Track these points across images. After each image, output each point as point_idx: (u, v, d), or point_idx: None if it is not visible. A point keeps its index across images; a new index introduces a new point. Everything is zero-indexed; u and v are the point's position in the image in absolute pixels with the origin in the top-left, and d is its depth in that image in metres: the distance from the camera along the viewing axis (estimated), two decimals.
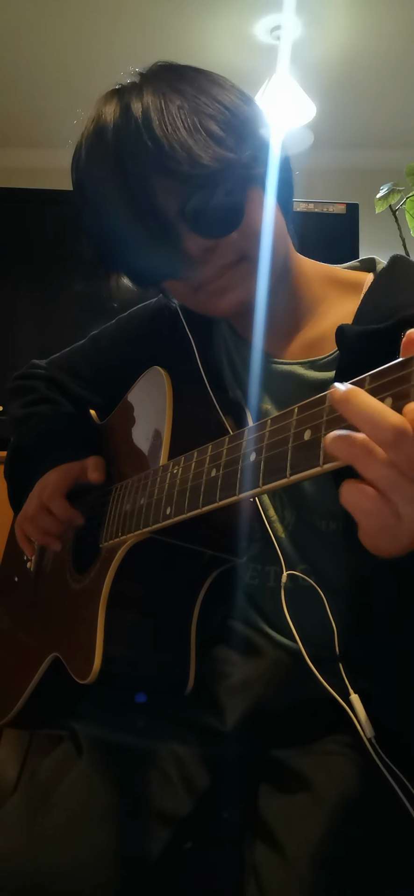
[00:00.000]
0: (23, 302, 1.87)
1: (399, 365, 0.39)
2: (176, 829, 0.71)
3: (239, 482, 0.54)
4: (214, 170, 0.64)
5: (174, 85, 0.67)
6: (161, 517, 0.64)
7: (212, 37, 2.68)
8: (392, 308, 0.64)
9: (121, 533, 0.72)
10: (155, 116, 0.64)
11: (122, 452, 0.86)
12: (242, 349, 0.83)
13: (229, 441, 0.56)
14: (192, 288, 0.73)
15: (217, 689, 0.77)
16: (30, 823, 0.68)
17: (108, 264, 0.77)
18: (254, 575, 0.79)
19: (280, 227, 0.73)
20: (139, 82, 0.69)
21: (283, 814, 0.67)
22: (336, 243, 1.78)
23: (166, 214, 0.66)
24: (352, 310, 0.72)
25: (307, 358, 0.76)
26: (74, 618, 0.78)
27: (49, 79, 2.85)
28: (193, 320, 0.85)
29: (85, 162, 0.70)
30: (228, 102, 0.68)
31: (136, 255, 0.72)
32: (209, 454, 0.59)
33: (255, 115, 0.71)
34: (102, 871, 0.65)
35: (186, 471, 0.62)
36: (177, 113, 0.64)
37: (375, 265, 0.80)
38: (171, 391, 0.75)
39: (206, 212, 0.67)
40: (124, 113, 0.66)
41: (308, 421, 0.46)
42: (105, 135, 0.67)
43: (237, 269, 0.71)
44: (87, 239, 0.75)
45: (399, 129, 3.23)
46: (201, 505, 0.57)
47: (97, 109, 0.69)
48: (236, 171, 0.66)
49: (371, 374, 0.41)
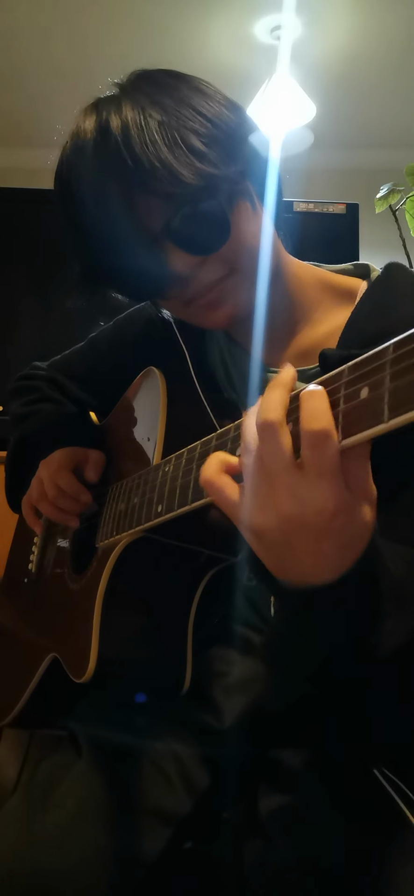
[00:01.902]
0: (22, 302, 1.87)
1: (374, 356, 0.40)
2: (175, 828, 0.71)
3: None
4: (197, 186, 0.62)
5: (153, 97, 0.65)
6: (153, 515, 0.65)
7: (212, 37, 2.68)
8: (378, 330, 0.63)
9: (116, 532, 0.73)
10: (135, 133, 0.62)
11: (118, 453, 0.86)
12: (237, 355, 0.83)
13: (217, 438, 0.57)
14: (183, 302, 0.72)
15: (215, 688, 0.77)
16: (29, 824, 0.68)
17: (94, 281, 0.75)
18: (251, 575, 0.79)
19: (270, 235, 0.72)
20: (118, 95, 0.67)
21: (282, 813, 0.67)
22: (336, 243, 1.78)
23: (151, 233, 0.65)
24: (344, 320, 0.71)
25: (299, 367, 0.76)
26: (72, 618, 0.79)
27: (48, 79, 2.85)
28: (186, 329, 0.84)
29: (66, 179, 0.69)
30: (211, 113, 0.66)
31: (123, 273, 0.71)
32: (198, 451, 0.59)
33: (240, 122, 0.69)
34: (102, 870, 0.65)
35: (177, 469, 0.62)
36: (157, 129, 0.62)
37: (370, 272, 0.79)
38: (165, 392, 0.75)
39: (191, 229, 0.65)
40: (104, 130, 0.64)
41: (289, 414, 0.47)
42: (85, 152, 0.66)
43: (227, 282, 0.70)
44: (73, 255, 0.73)
45: (399, 129, 3.23)
46: (190, 501, 0.58)
47: (77, 125, 0.68)
48: (220, 185, 0.65)
49: (349, 366, 0.42)
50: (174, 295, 0.71)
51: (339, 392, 0.43)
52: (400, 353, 0.38)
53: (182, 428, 0.73)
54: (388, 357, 0.39)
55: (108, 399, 0.92)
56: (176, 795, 0.72)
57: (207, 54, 2.71)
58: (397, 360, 0.38)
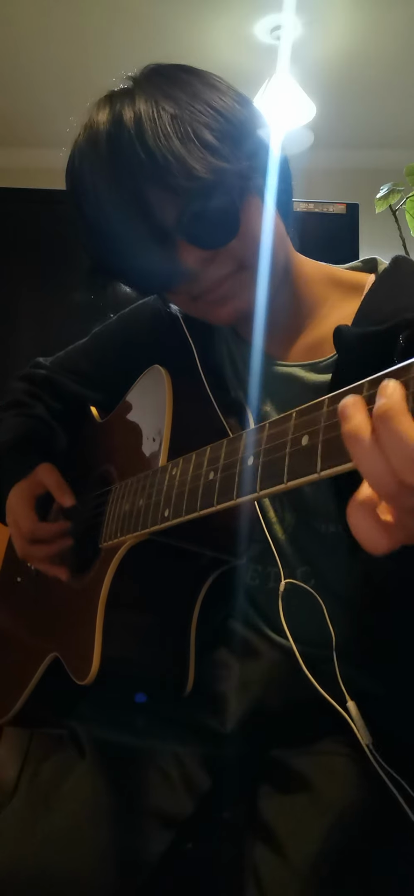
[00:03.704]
0: (23, 302, 1.87)
1: (399, 371, 0.39)
2: (177, 829, 0.71)
3: (237, 486, 0.53)
4: (209, 181, 0.63)
5: (167, 91, 0.66)
6: (159, 519, 0.64)
7: (212, 37, 2.68)
8: (392, 310, 0.64)
9: (120, 533, 0.72)
10: (148, 127, 0.63)
11: (121, 451, 0.86)
12: (244, 351, 0.83)
13: (227, 444, 0.56)
14: (191, 297, 0.72)
15: (217, 689, 0.77)
16: (32, 826, 0.68)
17: (105, 274, 0.76)
18: (254, 576, 0.78)
19: (279, 232, 0.73)
20: (131, 88, 0.68)
21: (282, 814, 0.67)
22: (336, 243, 1.78)
23: (162, 226, 0.66)
24: (353, 311, 0.71)
25: (308, 360, 0.76)
26: (74, 618, 0.78)
27: (48, 79, 2.85)
28: (193, 323, 0.84)
29: (79, 171, 0.69)
30: (224, 108, 0.67)
31: (133, 265, 0.71)
32: (207, 457, 0.58)
33: (251, 117, 0.70)
34: (104, 872, 0.65)
35: (185, 473, 0.61)
36: (170, 122, 0.63)
37: (377, 266, 0.79)
38: (171, 390, 0.74)
39: (202, 222, 0.66)
40: (117, 122, 0.65)
41: (306, 426, 0.46)
42: (98, 145, 0.66)
43: (236, 278, 0.70)
44: (83, 248, 0.74)
45: (399, 129, 3.23)
46: (199, 508, 0.57)
47: (90, 117, 0.68)
48: (232, 180, 0.65)
49: (369, 380, 0.41)
50: (183, 290, 0.71)
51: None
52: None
53: (188, 427, 0.73)
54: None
55: (112, 393, 0.92)
56: (177, 797, 0.72)
57: (207, 54, 2.71)
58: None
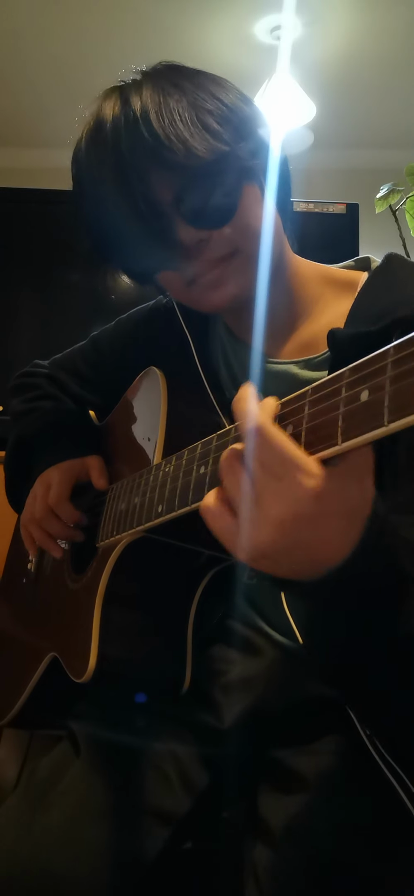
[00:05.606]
0: (23, 302, 1.87)
1: (375, 358, 0.40)
2: (175, 828, 0.71)
3: None
4: (209, 161, 0.65)
5: (174, 81, 0.69)
6: (153, 515, 0.65)
7: (212, 37, 2.68)
8: (385, 309, 0.65)
9: (116, 532, 0.73)
10: (153, 110, 0.66)
11: (119, 453, 0.86)
12: (238, 349, 0.84)
13: (217, 438, 0.57)
14: (185, 281, 0.73)
15: (215, 687, 0.77)
16: (28, 823, 0.68)
17: (104, 255, 0.78)
18: (252, 574, 0.79)
19: (276, 227, 0.74)
20: (140, 80, 0.71)
21: (282, 813, 0.67)
22: (336, 243, 1.79)
23: (161, 204, 0.68)
24: (346, 309, 0.72)
25: (302, 357, 0.77)
26: (71, 617, 0.79)
27: (48, 79, 2.85)
28: (190, 318, 0.86)
29: (84, 153, 0.72)
30: (227, 100, 0.69)
31: (132, 245, 0.73)
32: (198, 452, 0.59)
33: (253, 115, 0.72)
34: (101, 870, 0.65)
35: (177, 469, 0.62)
36: (174, 107, 0.66)
37: (370, 264, 0.80)
38: (166, 391, 0.76)
39: (199, 203, 0.68)
40: (123, 107, 0.68)
41: (290, 416, 0.47)
42: (104, 128, 0.69)
43: (230, 263, 0.71)
44: (84, 230, 0.76)
45: (399, 129, 3.23)
46: (190, 502, 0.58)
47: (98, 104, 0.71)
48: (231, 164, 0.67)
49: (350, 368, 0.43)
50: (178, 268, 0.72)
51: (339, 394, 0.43)
52: (401, 355, 0.38)
53: (183, 427, 0.74)
54: (388, 360, 0.39)
55: (109, 396, 0.93)
56: (175, 795, 0.72)
57: (207, 54, 2.71)
58: (398, 363, 0.38)
